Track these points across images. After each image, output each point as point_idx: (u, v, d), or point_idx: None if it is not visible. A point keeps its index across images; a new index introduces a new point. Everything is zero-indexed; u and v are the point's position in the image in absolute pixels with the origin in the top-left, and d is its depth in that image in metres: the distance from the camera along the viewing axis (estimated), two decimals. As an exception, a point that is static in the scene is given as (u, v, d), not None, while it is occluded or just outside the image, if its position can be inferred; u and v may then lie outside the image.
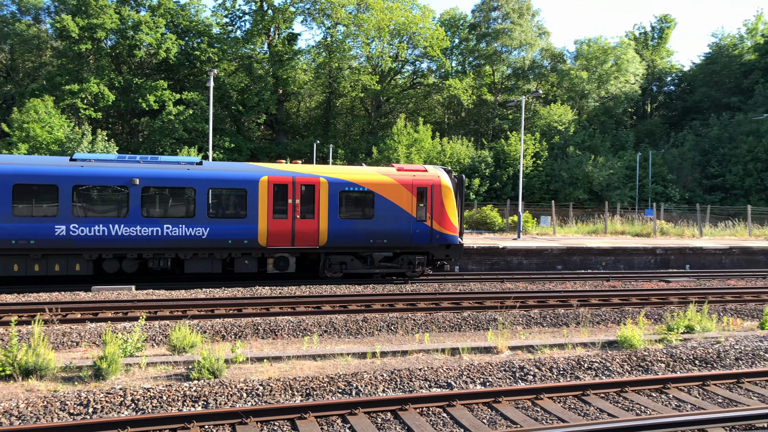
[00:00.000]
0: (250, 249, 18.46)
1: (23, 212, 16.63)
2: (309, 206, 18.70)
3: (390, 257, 19.81)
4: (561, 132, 55.45)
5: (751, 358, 10.88)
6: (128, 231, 17.32)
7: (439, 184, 19.80)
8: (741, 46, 67.44)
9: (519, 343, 11.68)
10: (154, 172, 17.76)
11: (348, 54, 57.55)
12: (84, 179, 17.13)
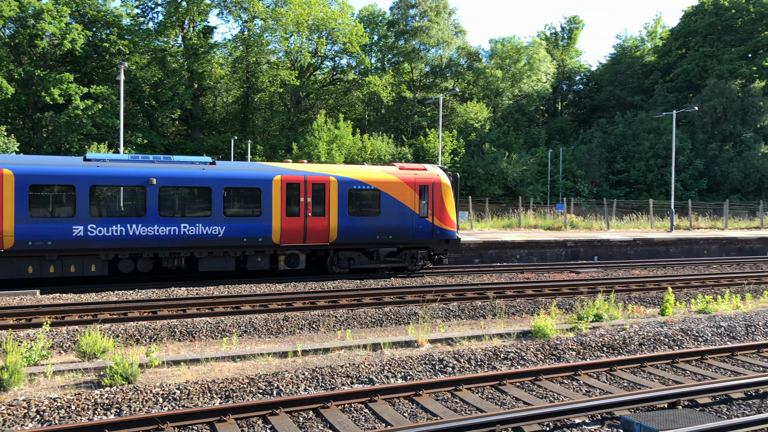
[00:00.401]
0: (264, 247, 18.85)
1: (40, 213, 16.49)
2: (320, 204, 19.31)
3: (394, 252, 20.57)
4: (477, 129, 56.88)
5: (652, 343, 11.57)
6: (146, 231, 17.42)
7: (440, 182, 20.85)
8: (642, 47, 71.51)
9: (439, 336, 11.92)
10: (171, 172, 17.91)
11: (266, 48, 56.64)
12: (101, 179, 17.13)
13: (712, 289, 18.73)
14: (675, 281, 19.63)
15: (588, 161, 57.20)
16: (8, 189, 16.14)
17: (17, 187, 16.21)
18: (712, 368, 10.16)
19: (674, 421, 7.12)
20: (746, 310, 14.88)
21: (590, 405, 7.67)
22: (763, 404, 8.32)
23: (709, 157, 55.47)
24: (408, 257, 20.70)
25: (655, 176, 55.36)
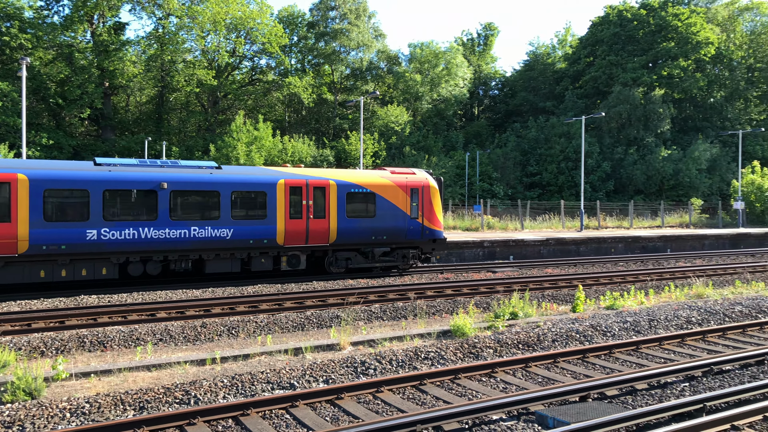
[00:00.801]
0: (268, 248, 19.54)
1: (54, 217, 16.62)
2: (321, 207, 20.23)
3: (388, 252, 21.69)
4: (398, 132, 57.52)
5: (565, 339, 12.07)
6: (157, 234, 17.80)
7: (428, 186, 22.22)
8: (553, 55, 74.58)
9: (361, 338, 11.95)
10: (181, 176, 18.38)
11: (182, 47, 55.00)
12: (114, 183, 17.37)
13: (619, 285, 19.75)
14: (585, 279, 20.57)
15: (503, 164, 58.98)
16: (23, 193, 16.21)
17: (32, 191, 16.30)
18: (619, 361, 10.71)
19: (585, 414, 7.46)
20: (649, 305, 15.76)
21: (507, 401, 7.90)
22: (665, 394, 8.85)
23: (616, 160, 58.44)
24: (400, 256, 21.88)
25: (566, 178, 57.74)
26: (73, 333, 12.07)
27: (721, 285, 20.26)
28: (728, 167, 58.11)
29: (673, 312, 14.22)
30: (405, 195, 21.64)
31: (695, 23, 61.57)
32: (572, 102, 63.61)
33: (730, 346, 11.78)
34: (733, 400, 8.28)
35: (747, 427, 7.35)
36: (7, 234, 16.03)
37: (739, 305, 15.24)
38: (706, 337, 12.36)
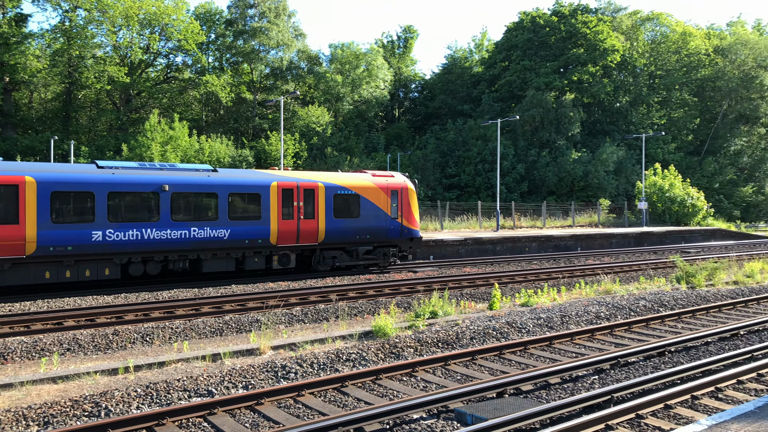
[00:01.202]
0: (262, 248, 20.50)
1: (61, 219, 17.04)
2: (310, 208, 21.33)
3: (370, 250, 23.02)
4: (319, 133, 57.23)
5: (482, 336, 12.38)
6: (159, 235, 18.47)
7: (407, 188, 23.80)
8: (471, 59, 76.40)
9: (281, 342, 11.80)
10: (182, 179, 19.14)
11: (91, 42, 52.39)
12: (119, 186, 17.94)
13: (533, 283, 20.47)
14: (501, 277, 21.19)
15: (423, 166, 59.85)
16: (31, 196, 16.56)
17: (39, 194, 16.66)
18: (533, 357, 11.09)
19: (501, 409, 7.68)
20: (562, 301, 16.44)
21: (427, 400, 8.02)
22: (576, 387, 9.24)
23: (529, 162, 60.52)
24: (381, 254, 23.26)
25: (483, 180, 59.26)
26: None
27: (627, 281, 21.39)
28: (633, 169, 61.41)
29: (584, 308, 14.88)
30: (386, 196, 23.11)
31: (602, 31, 64.71)
32: (489, 105, 65.36)
33: (635, 339, 12.46)
34: (638, 390, 8.75)
35: (650, 415, 7.79)
36: (15, 236, 16.34)
37: (643, 300, 16.14)
38: (613, 331, 13.01)
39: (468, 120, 64.68)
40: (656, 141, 64.31)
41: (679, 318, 14.49)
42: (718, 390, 8.81)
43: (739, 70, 67.48)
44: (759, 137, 71.21)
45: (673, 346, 11.41)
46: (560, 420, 7.63)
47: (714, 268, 20.57)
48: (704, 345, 11.86)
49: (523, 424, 7.33)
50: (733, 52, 68.82)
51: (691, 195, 50.73)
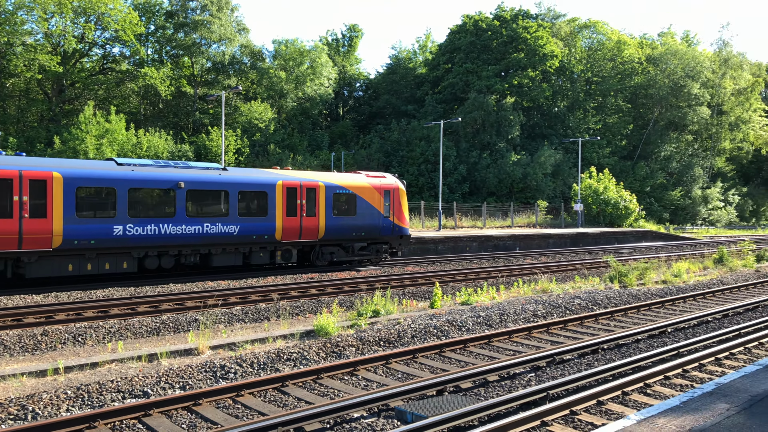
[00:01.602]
0: (267, 243, 21.51)
1: (86, 214, 17.71)
2: (312, 206, 22.44)
3: (365, 247, 24.35)
4: (262, 130, 56.50)
5: (423, 334, 12.51)
6: (175, 230, 19.27)
7: (398, 188, 25.22)
8: (415, 60, 77.01)
9: (221, 341, 11.59)
10: (196, 176, 19.99)
11: (20, 29, 50.04)
12: (138, 182, 18.68)
13: (474, 282, 20.82)
14: (443, 276, 21.46)
15: (367, 165, 59.97)
16: (58, 191, 17.16)
17: (66, 189, 17.28)
18: (473, 355, 11.28)
19: (441, 407, 7.77)
20: (500, 300, 16.78)
21: (368, 399, 8.04)
22: (514, 384, 9.46)
23: (471, 163, 61.53)
24: (374, 251, 24.60)
25: (425, 180, 59.87)
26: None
27: (563, 280, 22.02)
28: (570, 172, 63.31)
29: (522, 306, 15.24)
30: (380, 196, 24.41)
31: (542, 37, 66.43)
32: (432, 106, 66.06)
33: (570, 337, 12.84)
34: (572, 387, 9.02)
35: (583, 411, 8.05)
36: (43, 229, 16.95)
37: (578, 298, 16.65)
38: (549, 329, 13.37)
39: (412, 120, 65.19)
40: (592, 145, 66.47)
41: (612, 316, 15.03)
42: (647, 386, 9.18)
43: (669, 79, 70.52)
44: (687, 144, 74.63)
45: (606, 344, 11.82)
46: (498, 417, 7.79)
47: (645, 268, 21.42)
48: (635, 342, 12.33)
49: (462, 421, 7.44)
50: (663, 61, 71.87)
51: (624, 198, 52.69)
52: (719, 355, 10.95)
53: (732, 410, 6.59)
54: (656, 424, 6.16)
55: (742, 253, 29.48)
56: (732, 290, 19.68)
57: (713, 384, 7.68)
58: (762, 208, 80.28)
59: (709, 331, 13.47)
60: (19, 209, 16.60)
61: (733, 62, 76.18)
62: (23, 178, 16.68)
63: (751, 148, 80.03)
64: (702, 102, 71.94)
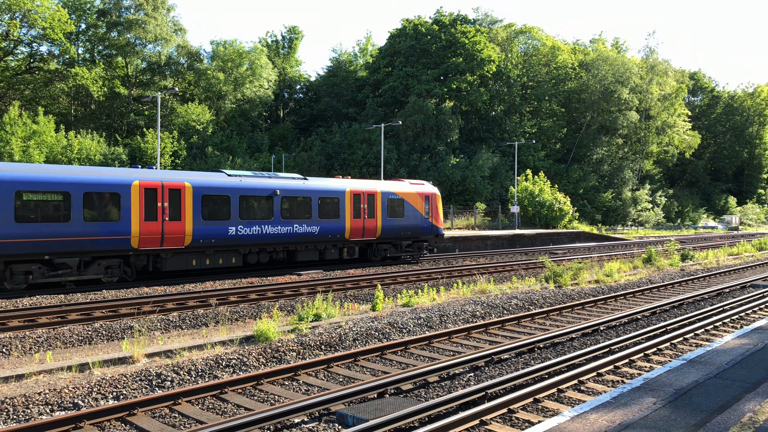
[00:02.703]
0: (337, 241, 25.31)
1: (208, 217, 20.97)
2: (372, 209, 26.43)
3: (410, 244, 28.54)
4: (199, 132, 55.35)
5: (365, 337, 12.53)
6: (272, 230, 22.86)
7: (436, 194, 29.43)
8: (355, 63, 77.11)
9: (157, 349, 11.29)
10: (287, 185, 23.70)
11: (-62, 24, 47.45)
12: (246, 191, 22.25)
13: (414, 284, 21.00)
14: (384, 278, 21.55)
15: (309, 167, 59.68)
16: (188, 198, 20.57)
17: (194, 197, 20.72)
18: (414, 356, 11.38)
19: (382, 409, 7.81)
20: (441, 301, 17.00)
21: (308, 403, 7.99)
22: (453, 384, 9.59)
23: (411, 166, 62.09)
24: (416, 248, 28.81)
25: (367, 182, 59.97)
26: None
27: (501, 281, 22.50)
28: (507, 175, 64.73)
29: (461, 307, 15.48)
30: (422, 201, 28.53)
31: (480, 42, 67.72)
32: (373, 109, 66.31)
33: (507, 337, 13.13)
34: (510, 386, 9.23)
35: (520, 410, 8.25)
36: (178, 230, 20.32)
37: (516, 299, 17.05)
38: (488, 329, 13.63)
39: (353, 123, 65.26)
40: (528, 148, 68.20)
41: (548, 315, 15.45)
42: (581, 383, 9.49)
43: (600, 84, 73.11)
44: (617, 147, 77.52)
45: (542, 343, 12.14)
46: (438, 417, 7.89)
47: (578, 268, 22.13)
48: (569, 341, 12.72)
49: (403, 423, 7.50)
50: (595, 67, 74.48)
51: (558, 200, 54.29)
52: (647, 351, 11.42)
53: (658, 404, 6.89)
54: (588, 420, 6.38)
55: (668, 252, 30.85)
56: (659, 288, 20.57)
57: (641, 379, 8.01)
58: (686, 209, 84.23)
59: (638, 329, 14.04)
60: (162, 213, 19.98)
61: (659, 69, 79.67)
62: (164, 187, 20.09)
63: (676, 151, 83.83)
64: (631, 107, 74.90)
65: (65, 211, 18.06)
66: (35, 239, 17.44)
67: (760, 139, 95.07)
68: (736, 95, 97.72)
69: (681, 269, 26.55)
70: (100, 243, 18.75)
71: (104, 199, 18.94)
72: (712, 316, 15.23)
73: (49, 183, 17.89)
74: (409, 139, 64.30)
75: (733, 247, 37.18)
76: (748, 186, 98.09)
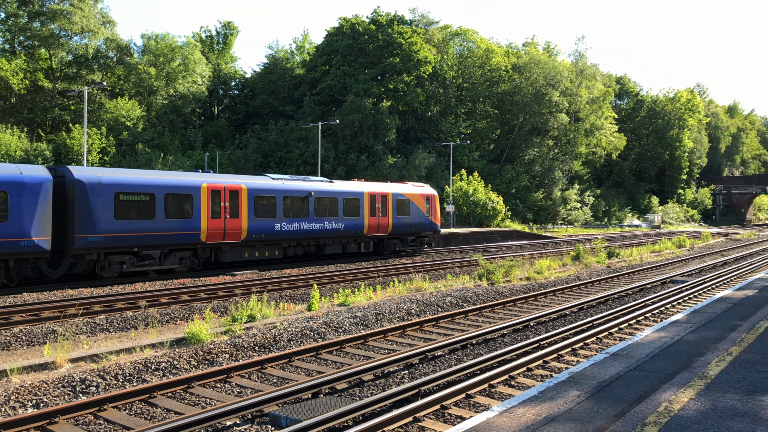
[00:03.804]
0: (357, 236, 29.05)
1: (259, 215, 24.50)
2: (385, 209, 30.34)
3: (414, 239, 32.65)
4: (130, 128, 53.53)
5: (300, 338, 12.46)
6: (308, 226, 26.29)
7: (435, 195, 33.83)
8: (292, 60, 76.36)
9: (82, 353, 10.86)
10: (320, 187, 27.33)
11: None
12: (288, 192, 25.78)
13: (351, 283, 21.02)
14: (321, 278, 21.48)
15: (244, 166, 58.68)
16: (244, 199, 23.93)
17: (249, 197, 24.09)
18: (349, 355, 11.40)
19: (316, 410, 7.80)
20: (377, 300, 17.07)
21: (241, 406, 7.89)
22: (388, 382, 9.67)
23: (349, 165, 62.07)
24: (419, 242, 33.02)
25: (304, 182, 59.50)
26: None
27: (436, 279, 22.81)
28: (442, 174, 65.58)
29: (397, 305, 15.61)
30: (423, 201, 32.67)
31: (416, 42, 68.34)
32: (310, 108, 65.85)
33: (441, 334, 13.34)
34: (443, 383, 9.39)
35: (453, 405, 8.40)
36: (237, 227, 23.69)
37: (450, 296, 17.33)
38: (423, 326, 13.81)
39: (290, 121, 64.61)
40: (463, 149, 69.32)
41: (481, 312, 15.79)
42: (511, 378, 9.75)
43: (532, 87, 75.09)
44: (548, 148, 79.85)
45: (475, 339, 12.40)
46: (372, 416, 7.93)
47: (510, 266, 22.70)
48: (501, 337, 13.04)
49: (337, 422, 7.51)
50: (527, 70, 76.44)
51: (492, 199, 55.49)
52: (575, 345, 11.85)
53: (582, 396, 7.17)
54: (516, 414, 6.56)
55: (595, 250, 32.06)
56: (587, 285, 21.36)
57: (567, 373, 8.30)
58: (613, 208, 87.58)
59: (566, 324, 14.53)
60: (224, 212, 23.28)
61: (588, 73, 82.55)
62: (226, 189, 23.51)
63: (603, 152, 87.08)
64: (561, 109, 77.26)
65: (151, 210, 21.20)
66: (128, 233, 20.53)
67: (680, 141, 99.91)
68: (658, 100, 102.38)
69: (607, 266, 27.63)
70: (177, 237, 22.03)
71: (181, 199, 22.17)
72: (634, 311, 15.94)
73: (139, 186, 21.08)
74: (347, 138, 64.24)
75: (656, 245, 39.00)
76: (669, 186, 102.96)
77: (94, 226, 19.56)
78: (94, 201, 19.61)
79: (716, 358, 8.94)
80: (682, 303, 17.52)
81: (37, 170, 19.00)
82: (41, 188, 18.35)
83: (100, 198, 19.78)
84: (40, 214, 18.25)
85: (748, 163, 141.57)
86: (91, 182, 19.73)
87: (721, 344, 9.89)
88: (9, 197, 17.65)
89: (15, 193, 17.78)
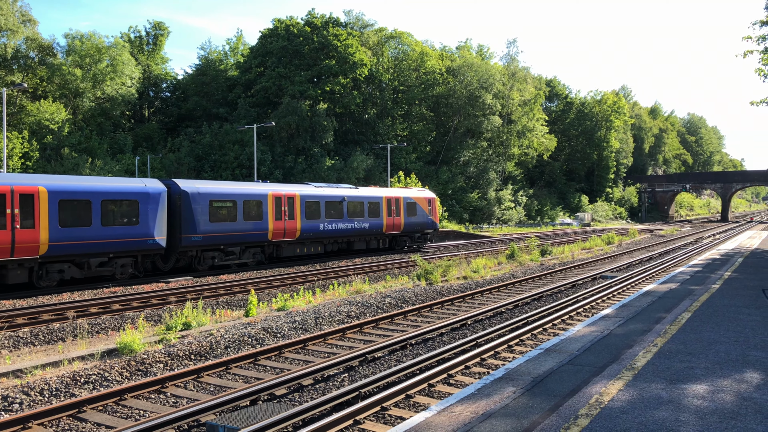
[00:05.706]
0: (378, 234, 34.00)
1: (309, 217, 29.23)
2: (398, 210, 35.15)
3: (419, 236, 37.55)
4: (54, 132, 51.27)
5: (238, 344, 12.25)
6: (342, 226, 31.27)
7: (435, 198, 39.17)
8: (226, 62, 75.01)
9: (4, 369, 10.33)
10: (350, 194, 32.22)
11: None
12: (329, 198, 30.60)
13: (290, 287, 20.83)
14: (259, 283, 21.17)
15: (177, 169, 57.18)
16: (298, 204, 28.63)
17: (302, 202, 28.80)
18: (288, 361, 11.29)
19: (254, 417, 7.68)
20: (316, 303, 16.97)
21: (176, 416, 7.69)
22: (328, 386, 9.63)
23: (287, 168, 61.45)
24: (422, 239, 38.04)
25: (240, 185, 58.42)
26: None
27: (375, 280, 22.88)
28: (380, 176, 65.85)
29: (336, 308, 15.57)
30: (426, 203, 37.67)
31: (352, 45, 68.36)
32: (245, 110, 64.83)
33: (381, 335, 13.39)
34: (383, 384, 9.42)
35: (393, 406, 8.44)
36: (294, 227, 28.32)
37: (389, 297, 17.42)
38: (363, 329, 13.82)
39: (224, 124, 63.41)
40: (400, 151, 69.83)
41: (419, 312, 15.94)
42: (450, 376, 9.89)
43: (466, 89, 76.38)
44: (482, 150, 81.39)
45: (414, 339, 12.51)
46: (312, 420, 7.89)
47: (448, 266, 23.02)
48: (440, 336, 13.21)
49: (276, 429, 7.42)
50: (461, 73, 77.71)
51: (430, 200, 56.05)
52: (511, 342, 12.13)
53: (518, 392, 7.35)
54: (454, 412, 6.66)
55: (529, 248, 32.92)
56: (522, 282, 21.90)
57: (503, 370, 8.49)
58: (545, 207, 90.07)
59: (502, 321, 14.86)
60: (284, 215, 27.65)
61: (519, 76, 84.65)
62: (285, 196, 28.09)
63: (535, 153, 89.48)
64: (494, 111, 78.92)
65: (234, 214, 25.56)
66: (219, 233, 24.82)
67: (607, 142, 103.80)
68: (586, 102, 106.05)
69: (541, 264, 28.41)
70: (251, 236, 26.34)
71: (254, 205, 26.53)
72: (567, 306, 16.46)
73: (226, 194, 25.48)
74: (284, 140, 63.58)
75: (586, 242, 40.40)
76: (598, 185, 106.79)
77: (195, 228, 23.90)
78: (195, 207, 23.94)
79: (643, 349, 9.34)
80: (611, 298, 18.21)
81: (155, 183, 23.40)
82: (160, 197, 22.88)
83: (199, 205, 24.14)
84: (159, 218, 22.75)
85: (670, 162, 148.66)
86: (193, 192, 24.12)
87: (647, 336, 10.33)
88: (140, 205, 22.10)
89: (143, 201, 22.28)
